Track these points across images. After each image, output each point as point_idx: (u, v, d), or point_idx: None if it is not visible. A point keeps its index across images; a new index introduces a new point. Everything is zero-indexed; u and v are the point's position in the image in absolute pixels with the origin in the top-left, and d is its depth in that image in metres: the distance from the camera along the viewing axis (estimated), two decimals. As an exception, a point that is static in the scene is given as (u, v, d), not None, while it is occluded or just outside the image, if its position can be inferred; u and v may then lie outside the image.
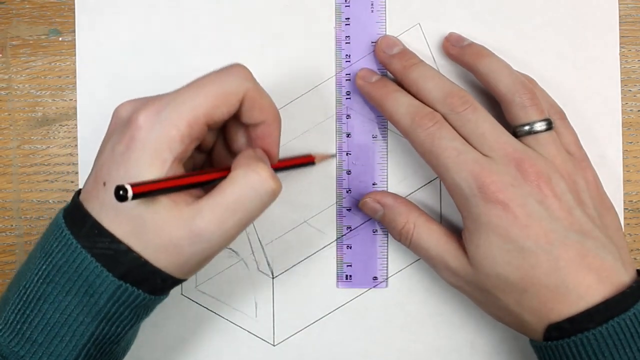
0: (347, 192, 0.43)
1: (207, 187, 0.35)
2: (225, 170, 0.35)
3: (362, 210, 0.43)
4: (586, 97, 0.43)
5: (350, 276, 0.44)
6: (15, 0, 0.44)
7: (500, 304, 0.37)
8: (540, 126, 0.38)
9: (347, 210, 0.43)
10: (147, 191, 0.32)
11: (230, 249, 0.44)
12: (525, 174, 0.36)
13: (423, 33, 0.43)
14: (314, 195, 0.44)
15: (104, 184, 0.34)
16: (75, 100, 0.44)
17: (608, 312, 0.34)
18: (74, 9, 0.44)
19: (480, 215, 0.36)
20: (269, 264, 0.44)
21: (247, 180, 0.33)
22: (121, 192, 0.32)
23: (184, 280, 0.36)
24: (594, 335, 0.34)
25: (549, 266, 0.35)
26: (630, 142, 0.44)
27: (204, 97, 0.34)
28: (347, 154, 0.43)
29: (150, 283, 0.34)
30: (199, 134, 0.34)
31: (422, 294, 0.44)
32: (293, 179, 0.44)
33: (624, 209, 0.44)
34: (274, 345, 0.44)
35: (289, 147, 0.43)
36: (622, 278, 0.35)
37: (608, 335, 0.34)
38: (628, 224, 0.44)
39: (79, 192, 0.36)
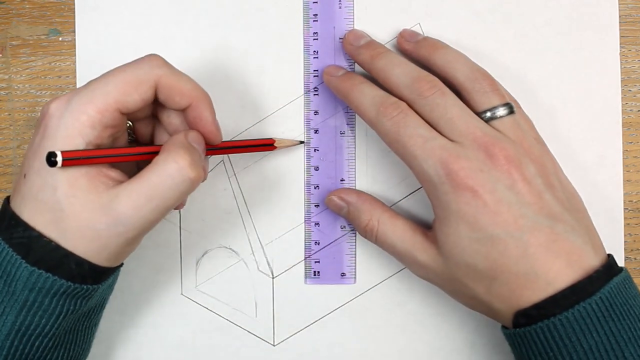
0: (315, 188, 0.43)
1: (131, 172, 0.35)
2: (156, 148, 0.35)
3: (328, 207, 0.43)
4: (586, 97, 0.43)
5: (319, 272, 0.44)
6: (15, 0, 0.44)
7: (470, 293, 0.37)
8: (502, 110, 0.38)
9: (315, 206, 0.43)
10: (76, 157, 0.33)
11: (230, 248, 0.44)
12: (494, 158, 0.36)
13: (423, 32, 0.43)
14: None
15: (25, 175, 0.35)
16: (75, 100, 0.44)
17: (574, 296, 0.34)
18: (74, 9, 0.44)
19: (450, 203, 0.36)
20: (269, 264, 0.44)
21: (165, 168, 0.34)
22: (52, 157, 0.33)
23: (110, 268, 0.36)
24: (560, 321, 0.34)
25: (518, 253, 0.35)
26: (630, 142, 0.44)
27: (113, 85, 0.34)
28: (315, 150, 0.43)
29: (65, 268, 0.34)
30: (111, 121, 0.34)
31: (422, 294, 0.44)
32: (293, 179, 0.44)
33: (624, 209, 0.44)
34: (274, 345, 0.44)
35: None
36: (591, 262, 0.35)
37: (574, 320, 0.34)
38: (628, 224, 0.44)
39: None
